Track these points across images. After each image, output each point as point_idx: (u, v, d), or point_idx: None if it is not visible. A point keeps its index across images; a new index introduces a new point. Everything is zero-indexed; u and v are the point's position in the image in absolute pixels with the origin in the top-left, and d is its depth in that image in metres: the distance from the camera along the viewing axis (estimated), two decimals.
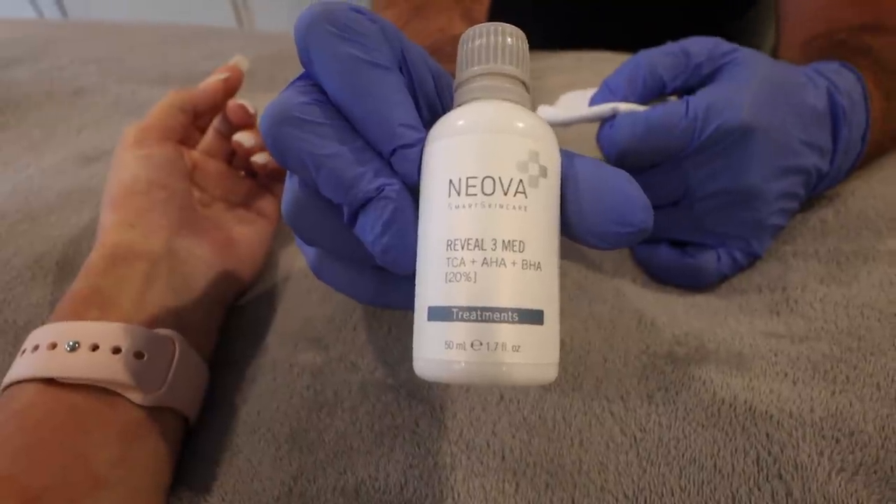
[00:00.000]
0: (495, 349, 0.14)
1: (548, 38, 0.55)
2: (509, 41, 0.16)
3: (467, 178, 0.14)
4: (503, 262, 0.14)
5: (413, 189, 0.16)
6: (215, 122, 0.34)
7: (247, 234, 0.32)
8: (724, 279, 0.29)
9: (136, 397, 0.21)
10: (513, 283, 0.14)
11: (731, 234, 0.28)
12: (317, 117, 0.15)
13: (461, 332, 0.14)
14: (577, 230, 0.16)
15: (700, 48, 0.26)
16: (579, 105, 0.28)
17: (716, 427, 0.22)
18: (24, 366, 0.21)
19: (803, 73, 0.28)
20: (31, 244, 0.33)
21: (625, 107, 0.26)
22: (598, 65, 0.52)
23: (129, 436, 0.21)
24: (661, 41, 0.28)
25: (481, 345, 0.14)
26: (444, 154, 0.15)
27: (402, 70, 0.16)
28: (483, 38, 0.16)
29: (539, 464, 0.22)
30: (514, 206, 0.14)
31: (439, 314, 0.14)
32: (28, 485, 0.18)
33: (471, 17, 0.45)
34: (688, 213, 0.28)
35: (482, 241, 0.14)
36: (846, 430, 0.22)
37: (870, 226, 0.30)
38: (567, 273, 0.30)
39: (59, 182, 0.38)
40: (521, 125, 0.15)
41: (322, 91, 0.16)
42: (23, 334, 0.26)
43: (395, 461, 0.23)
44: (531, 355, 0.14)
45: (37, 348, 0.21)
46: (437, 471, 0.22)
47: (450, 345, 0.14)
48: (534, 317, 0.14)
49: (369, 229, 0.15)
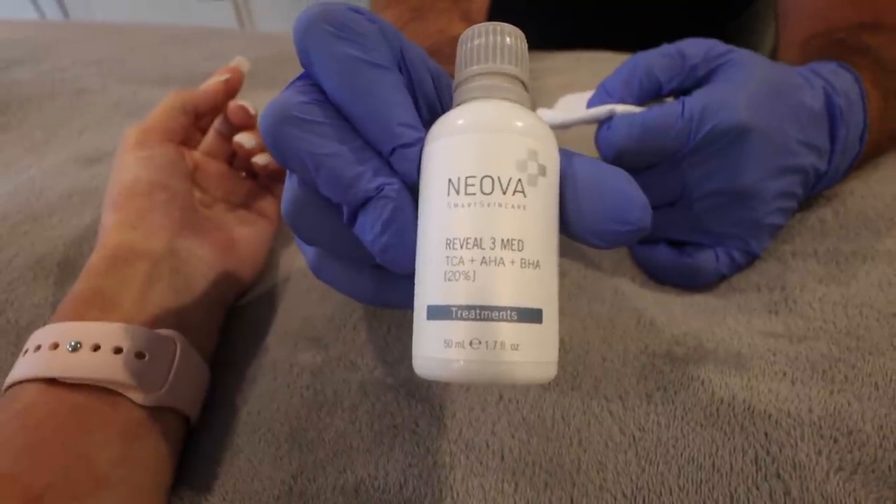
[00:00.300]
0: (494, 348, 0.14)
1: (546, 39, 0.55)
2: (508, 41, 0.16)
3: (466, 178, 0.14)
4: (502, 261, 0.14)
5: (412, 188, 0.16)
6: (216, 123, 0.34)
7: (248, 234, 0.32)
8: (722, 279, 0.29)
9: (137, 397, 0.22)
10: (512, 281, 0.14)
11: (729, 233, 0.28)
12: (316, 117, 0.15)
13: (460, 330, 0.14)
14: (575, 229, 0.16)
15: (696, 50, 0.26)
16: (577, 107, 0.28)
17: (714, 426, 0.22)
18: (26, 366, 0.21)
19: (800, 73, 0.28)
20: (33, 245, 0.33)
21: (622, 108, 0.26)
22: (596, 65, 0.52)
23: (131, 435, 0.21)
24: (659, 41, 0.28)
25: (480, 343, 0.14)
26: (444, 153, 0.15)
27: (400, 69, 0.16)
28: (482, 38, 0.16)
29: (538, 463, 0.22)
30: (512, 205, 0.14)
31: (438, 313, 0.14)
32: (30, 484, 0.18)
33: (470, 18, 0.45)
34: (685, 213, 0.28)
35: (481, 239, 0.14)
36: (844, 429, 0.22)
37: (869, 225, 0.31)
38: (566, 272, 0.30)
39: (60, 183, 0.38)
40: (520, 124, 0.15)
41: (321, 91, 0.16)
42: (25, 335, 0.26)
43: (395, 460, 0.23)
44: (530, 354, 0.14)
45: (39, 348, 0.21)
46: (436, 470, 0.22)
47: (449, 343, 0.14)
48: (533, 315, 0.14)
49: (369, 228, 0.15)
